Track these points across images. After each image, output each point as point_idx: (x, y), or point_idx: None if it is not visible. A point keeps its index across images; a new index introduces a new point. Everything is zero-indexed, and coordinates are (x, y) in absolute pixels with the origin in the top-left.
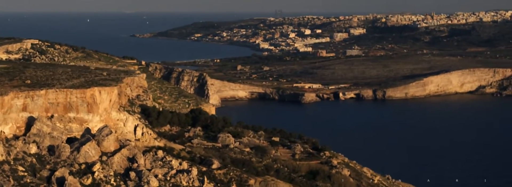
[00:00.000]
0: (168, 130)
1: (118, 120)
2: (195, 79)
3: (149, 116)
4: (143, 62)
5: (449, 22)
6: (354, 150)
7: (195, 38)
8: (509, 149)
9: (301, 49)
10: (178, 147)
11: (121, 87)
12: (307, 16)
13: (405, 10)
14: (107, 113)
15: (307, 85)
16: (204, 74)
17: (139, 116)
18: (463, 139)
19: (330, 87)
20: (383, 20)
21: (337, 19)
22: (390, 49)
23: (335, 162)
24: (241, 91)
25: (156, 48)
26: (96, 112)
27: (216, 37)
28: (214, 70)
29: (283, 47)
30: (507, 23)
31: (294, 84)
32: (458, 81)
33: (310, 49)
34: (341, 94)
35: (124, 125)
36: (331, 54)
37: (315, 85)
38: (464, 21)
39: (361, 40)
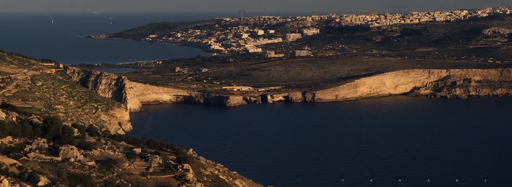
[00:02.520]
0: (8, 142)
1: None
2: (113, 83)
3: None
4: (61, 65)
5: (402, 22)
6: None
7: (150, 39)
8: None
9: (251, 50)
10: (9, 161)
11: None
12: (263, 16)
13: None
14: None
15: (235, 88)
16: (123, 77)
17: None
18: (374, 140)
19: (259, 90)
20: (337, 20)
21: (293, 19)
22: (340, 50)
23: (190, 176)
24: (165, 94)
25: (103, 49)
26: None
27: (170, 38)
28: (153, 72)
29: (234, 48)
30: (459, 22)
31: (223, 87)
32: (391, 83)
33: (260, 50)
34: (269, 97)
35: None
36: (280, 55)
37: (244, 88)
38: (417, 21)
39: (313, 40)
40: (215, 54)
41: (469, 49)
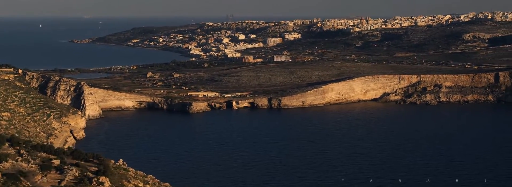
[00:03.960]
0: None
1: None
2: (72, 89)
3: None
4: (20, 71)
5: (384, 26)
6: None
7: (132, 44)
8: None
9: (230, 55)
10: None
11: None
12: (246, 21)
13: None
14: None
15: (201, 94)
16: (82, 83)
17: None
18: (327, 147)
19: (226, 96)
20: (319, 24)
21: (276, 23)
22: (319, 55)
23: None
24: (127, 100)
25: (82, 54)
26: None
27: (152, 43)
28: (124, 77)
29: (213, 53)
30: (440, 27)
31: (189, 93)
32: (361, 89)
33: (238, 55)
34: (234, 103)
35: None
36: (259, 60)
37: (210, 94)
38: (398, 26)
39: (293, 45)
40: (193, 59)
41: (448, 54)
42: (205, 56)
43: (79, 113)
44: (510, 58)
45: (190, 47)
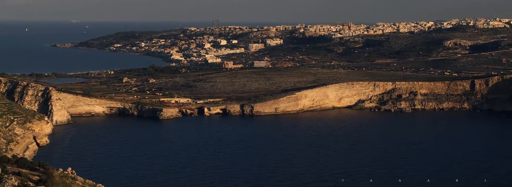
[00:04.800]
0: None
1: None
2: (39, 94)
3: None
4: None
5: (366, 33)
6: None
7: (114, 48)
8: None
9: (210, 61)
10: None
11: None
12: (229, 26)
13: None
14: None
15: (173, 100)
16: (50, 88)
17: None
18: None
19: (198, 102)
20: (301, 30)
21: (259, 29)
22: (300, 61)
23: None
24: (97, 106)
25: (63, 58)
26: None
27: (134, 48)
28: (100, 82)
29: (194, 58)
30: (422, 34)
31: (161, 99)
32: (335, 96)
33: (219, 60)
34: (206, 109)
35: None
36: (239, 66)
37: (183, 100)
38: (380, 32)
39: (275, 51)
40: (174, 64)
41: (428, 61)
42: (186, 62)
43: (45, 118)
44: (490, 65)
45: (171, 52)
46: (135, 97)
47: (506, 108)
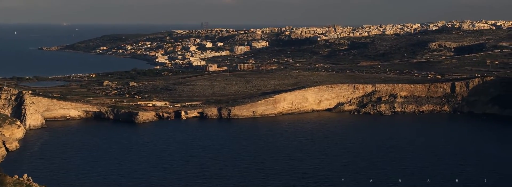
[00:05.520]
0: None
1: None
2: (13, 98)
3: None
4: None
5: (351, 35)
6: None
7: (100, 51)
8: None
9: (195, 63)
10: None
11: None
12: (215, 29)
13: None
14: None
15: (150, 103)
16: (23, 92)
17: None
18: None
19: (176, 105)
20: (287, 33)
21: (245, 31)
22: (284, 63)
23: None
24: (73, 110)
25: (47, 61)
26: None
27: (120, 50)
28: (81, 85)
29: (179, 61)
30: (407, 36)
31: (138, 102)
32: (314, 98)
33: (203, 63)
34: (183, 113)
35: None
36: (223, 68)
37: (160, 103)
38: (366, 34)
39: (260, 53)
40: (158, 67)
41: (413, 63)
42: (170, 64)
43: (17, 123)
44: (474, 67)
45: (157, 55)
46: (113, 100)
47: (487, 111)
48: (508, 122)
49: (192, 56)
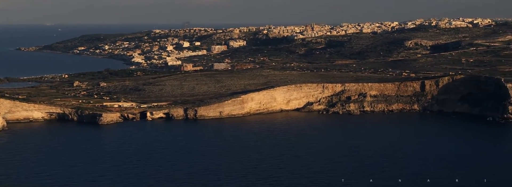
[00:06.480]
0: None
1: None
2: None
3: None
4: None
5: (329, 33)
6: None
7: (78, 52)
8: None
9: (170, 63)
10: None
11: None
12: (193, 28)
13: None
14: None
15: (116, 104)
16: None
17: None
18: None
19: (142, 106)
20: (265, 32)
21: (223, 30)
22: (261, 62)
23: None
24: (36, 112)
25: (22, 62)
26: None
27: (98, 50)
28: (50, 86)
29: (155, 60)
30: (384, 34)
31: (104, 103)
32: (283, 98)
33: (179, 62)
34: (148, 114)
35: None
36: (198, 68)
37: (126, 104)
38: (343, 33)
39: (237, 53)
40: (133, 67)
41: (388, 61)
42: (146, 64)
43: None
44: (449, 65)
45: (133, 55)
46: (80, 101)
47: (457, 109)
48: (477, 120)
49: (168, 56)
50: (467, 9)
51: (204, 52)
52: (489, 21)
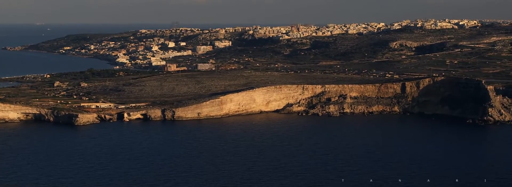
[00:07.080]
0: None
1: None
2: None
3: None
4: None
5: (314, 34)
6: None
7: (63, 51)
8: None
9: (154, 63)
10: None
11: None
12: (180, 28)
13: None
14: None
15: (93, 105)
16: None
17: None
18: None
19: (120, 107)
20: (251, 32)
21: (210, 31)
22: (245, 63)
23: None
24: (12, 112)
25: (3, 62)
26: None
27: (83, 50)
28: (31, 86)
29: (139, 61)
30: (370, 35)
31: (82, 104)
32: (262, 99)
33: (163, 63)
34: (126, 115)
35: None
36: (182, 68)
37: (104, 105)
38: (329, 34)
39: (222, 53)
40: (118, 67)
41: (372, 62)
42: (130, 64)
43: None
44: (433, 67)
45: (118, 55)
46: (58, 101)
47: (437, 111)
48: (456, 123)
49: (153, 56)
50: (458, 11)
51: (190, 52)
52: (475, 23)
